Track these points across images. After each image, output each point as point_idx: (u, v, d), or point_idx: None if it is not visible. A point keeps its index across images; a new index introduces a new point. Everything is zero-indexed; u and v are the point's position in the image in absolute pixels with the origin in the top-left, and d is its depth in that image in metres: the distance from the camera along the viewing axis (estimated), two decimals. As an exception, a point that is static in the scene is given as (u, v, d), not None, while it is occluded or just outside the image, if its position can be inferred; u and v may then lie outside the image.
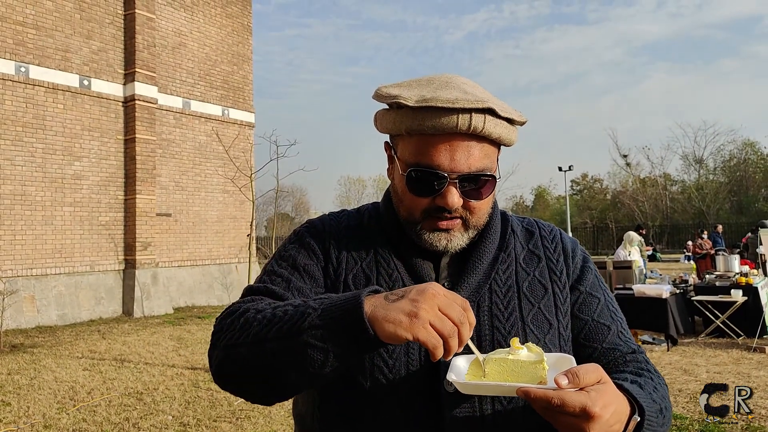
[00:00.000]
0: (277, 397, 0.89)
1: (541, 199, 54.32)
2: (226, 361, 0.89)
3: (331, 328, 0.79)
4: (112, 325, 9.87)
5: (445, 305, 0.77)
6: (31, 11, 10.15)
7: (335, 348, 0.78)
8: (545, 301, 1.04)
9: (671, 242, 36.31)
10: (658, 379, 0.99)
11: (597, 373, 0.79)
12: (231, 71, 13.69)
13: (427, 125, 0.94)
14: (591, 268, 1.11)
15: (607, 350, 1.04)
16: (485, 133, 0.96)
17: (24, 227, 10.01)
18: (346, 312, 0.79)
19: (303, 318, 0.82)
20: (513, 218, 1.15)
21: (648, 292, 7.36)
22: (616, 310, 1.10)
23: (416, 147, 0.98)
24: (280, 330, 0.83)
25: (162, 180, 12.11)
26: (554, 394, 0.75)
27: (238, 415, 4.89)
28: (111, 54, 11.31)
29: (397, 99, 0.96)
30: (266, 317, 0.86)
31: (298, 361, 0.81)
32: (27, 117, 10.09)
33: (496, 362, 0.84)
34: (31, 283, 9.99)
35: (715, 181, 42.30)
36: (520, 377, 0.83)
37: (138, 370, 6.48)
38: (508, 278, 1.04)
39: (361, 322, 0.77)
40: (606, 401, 0.76)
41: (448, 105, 0.93)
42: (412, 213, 1.00)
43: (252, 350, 0.85)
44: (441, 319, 0.76)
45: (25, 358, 7.15)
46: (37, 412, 5.02)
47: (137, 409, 5.06)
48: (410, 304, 0.76)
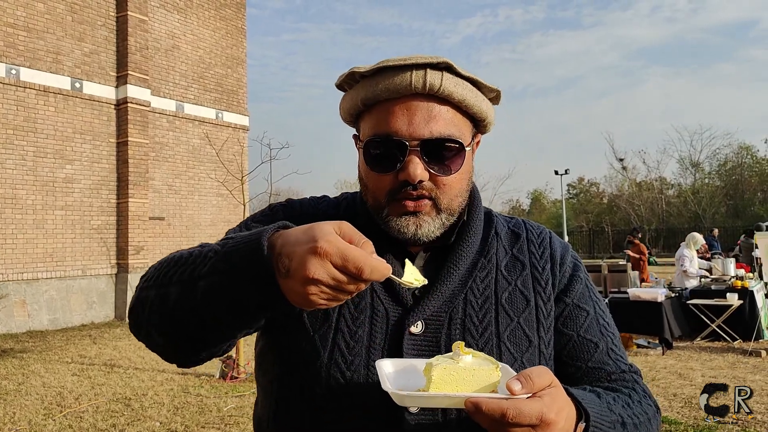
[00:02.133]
0: (181, 349, 0.82)
1: (538, 202, 54.40)
2: (136, 304, 0.84)
3: (231, 273, 0.72)
4: (103, 330, 9.79)
5: (335, 284, 0.67)
6: (22, 13, 10.09)
7: (236, 294, 0.71)
8: (526, 314, 0.94)
9: (667, 246, 36.34)
10: (637, 397, 0.90)
11: (548, 375, 0.71)
12: (225, 74, 13.64)
13: (380, 88, 0.88)
14: (581, 277, 1.00)
15: (592, 370, 0.94)
16: (445, 92, 0.88)
17: (15, 231, 9.92)
18: (246, 257, 0.71)
19: (205, 260, 0.75)
20: (499, 219, 1.05)
21: (643, 295, 7.33)
22: (608, 325, 0.99)
23: (373, 119, 0.91)
24: (184, 270, 0.77)
25: (155, 183, 12.03)
26: (509, 405, 0.66)
27: (227, 421, 4.81)
28: (103, 56, 11.25)
29: (352, 69, 0.91)
30: (174, 258, 0.82)
31: (198, 306, 0.74)
32: (18, 120, 10.02)
33: (445, 370, 0.73)
34: (22, 287, 9.91)
35: (711, 184, 42.42)
36: (470, 386, 0.71)
37: (127, 375, 6.41)
38: (486, 288, 0.94)
39: (264, 272, 0.69)
40: (559, 406, 0.70)
41: (400, 62, 0.87)
42: (377, 197, 0.92)
43: (158, 294, 0.80)
44: (334, 296, 0.68)
45: (13, 363, 7.08)
46: (23, 418, 4.95)
47: (125, 415, 4.99)
48: (297, 286, 0.67)
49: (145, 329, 0.83)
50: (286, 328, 0.93)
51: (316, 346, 0.89)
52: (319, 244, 0.65)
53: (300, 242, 0.67)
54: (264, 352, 0.99)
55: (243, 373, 6.19)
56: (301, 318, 0.91)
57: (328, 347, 0.89)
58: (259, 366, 1.01)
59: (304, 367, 0.90)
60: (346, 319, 0.90)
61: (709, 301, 7.68)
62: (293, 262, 0.67)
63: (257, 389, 1.03)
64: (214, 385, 5.97)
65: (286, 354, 0.92)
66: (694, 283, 8.68)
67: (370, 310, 0.90)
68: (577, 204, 50.06)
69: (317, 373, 0.88)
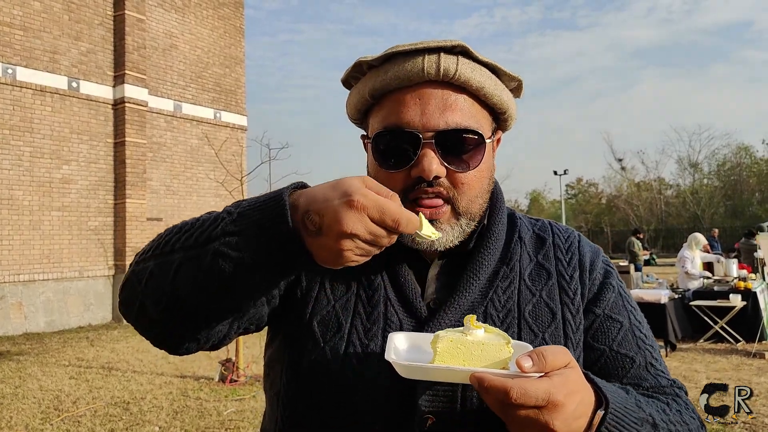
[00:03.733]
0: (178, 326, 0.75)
1: (536, 203, 54.41)
2: (131, 277, 0.77)
3: (249, 233, 0.67)
4: (101, 332, 9.71)
5: (371, 238, 0.65)
6: (19, 12, 10.01)
7: (252, 256, 0.67)
8: (552, 329, 0.85)
9: (666, 246, 36.38)
10: (677, 407, 0.82)
11: (565, 355, 0.66)
12: (223, 74, 13.56)
13: (389, 76, 0.81)
14: (613, 285, 0.91)
15: (627, 386, 0.85)
16: (461, 78, 0.81)
17: (11, 232, 9.84)
18: (266, 215, 0.67)
19: (216, 222, 0.70)
20: (523, 221, 0.96)
21: (646, 297, 7.29)
22: (645, 337, 0.90)
23: (383, 111, 0.84)
24: (190, 235, 0.71)
25: (152, 184, 11.95)
26: (514, 384, 0.61)
27: (227, 426, 4.74)
28: (100, 56, 11.17)
29: (358, 60, 0.85)
30: (177, 227, 0.75)
31: (205, 274, 0.69)
32: (14, 119, 9.94)
33: (451, 342, 0.68)
34: (19, 289, 9.83)
35: (709, 185, 42.51)
36: (479, 362, 0.67)
37: (126, 379, 6.34)
38: (509, 300, 0.86)
39: (286, 229, 0.65)
40: (571, 389, 0.64)
41: (410, 48, 0.81)
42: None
43: (160, 263, 0.73)
44: (368, 251, 0.66)
45: (10, 366, 7.00)
46: (20, 422, 4.88)
47: (123, 420, 4.92)
48: (330, 242, 0.64)
49: (139, 302, 0.75)
50: (294, 337, 0.87)
51: (326, 358, 0.83)
52: (354, 198, 0.63)
53: (331, 198, 0.64)
54: (272, 363, 0.93)
55: (243, 376, 6.12)
56: (311, 327, 0.85)
57: (339, 360, 0.82)
58: (266, 377, 0.95)
59: (312, 379, 0.83)
60: (359, 331, 0.84)
61: (712, 302, 7.63)
62: (326, 218, 0.64)
63: (266, 400, 0.97)
64: (213, 388, 5.90)
65: (293, 365, 0.86)
66: (697, 284, 8.64)
67: (383, 322, 0.84)
68: (575, 204, 50.10)
69: (326, 387, 0.82)
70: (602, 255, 0.96)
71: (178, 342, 0.78)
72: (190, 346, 0.80)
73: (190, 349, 0.81)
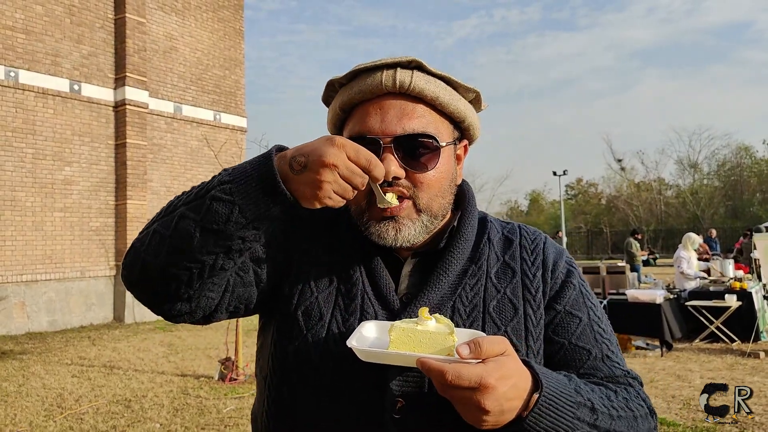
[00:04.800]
0: (174, 279, 0.82)
1: (536, 203, 54.42)
2: (134, 243, 0.86)
3: (240, 180, 0.78)
4: (102, 332, 9.78)
5: (347, 174, 0.77)
6: (21, 15, 10.09)
7: (241, 200, 0.77)
8: (514, 323, 0.92)
9: (666, 247, 36.36)
10: (624, 395, 0.89)
11: (502, 344, 0.74)
12: (223, 75, 13.64)
13: (354, 91, 0.92)
14: (574, 284, 0.98)
15: (583, 376, 0.91)
16: (416, 89, 0.90)
17: (14, 233, 9.92)
18: (255, 166, 0.79)
19: (213, 179, 0.82)
20: (494, 224, 1.04)
21: (641, 297, 7.34)
22: (603, 332, 0.96)
23: (351, 123, 0.94)
24: (190, 194, 0.83)
25: (153, 185, 12.03)
26: (450, 368, 0.70)
27: (227, 423, 4.82)
28: (101, 58, 11.25)
29: (330, 80, 0.95)
30: (177, 196, 0.86)
31: (202, 218, 0.79)
32: (17, 122, 10.02)
33: (403, 331, 0.77)
34: (21, 289, 9.90)
35: (709, 185, 42.46)
36: (427, 349, 0.76)
37: (127, 377, 6.41)
38: (475, 296, 0.93)
39: (270, 174, 0.77)
40: (503, 373, 0.72)
41: (371, 64, 0.91)
42: (357, 201, 0.93)
43: (162, 222, 0.83)
44: (344, 188, 0.77)
45: (13, 365, 7.07)
46: (23, 419, 4.95)
47: (125, 417, 4.99)
48: (313, 176, 0.76)
49: (141, 262, 0.84)
50: (281, 326, 0.96)
51: (308, 345, 0.91)
52: (335, 139, 0.76)
53: (315, 143, 0.77)
54: (261, 350, 1.02)
55: (242, 374, 6.19)
56: (296, 316, 0.94)
57: (320, 347, 0.91)
58: (257, 362, 1.04)
59: (295, 364, 0.92)
60: (338, 321, 0.92)
61: (707, 302, 7.69)
62: (311, 156, 0.75)
63: (256, 384, 1.06)
64: (213, 386, 5.97)
65: (280, 351, 0.94)
66: (693, 284, 8.69)
67: (360, 313, 0.93)
68: (575, 205, 50.08)
69: (308, 371, 0.90)
70: (566, 256, 1.03)
71: (173, 300, 0.86)
72: (182, 308, 0.87)
73: (182, 312, 0.88)
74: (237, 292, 0.92)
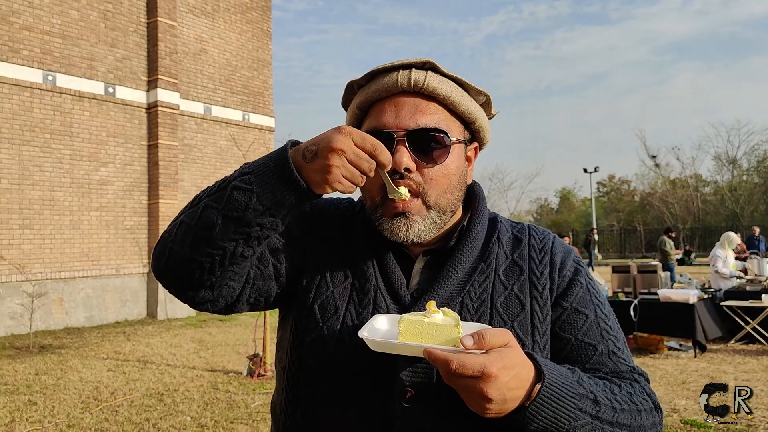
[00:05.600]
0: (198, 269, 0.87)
1: (566, 201, 53.53)
2: (163, 234, 0.92)
3: (258, 171, 0.84)
4: (136, 327, 10.04)
5: (354, 158, 0.81)
6: (58, 21, 10.41)
7: (259, 188, 0.82)
8: (520, 319, 0.95)
9: (703, 245, 35.36)
10: (629, 389, 0.91)
11: (505, 336, 0.78)
12: (251, 76, 13.82)
13: (371, 90, 0.97)
14: (581, 282, 1.01)
15: (589, 371, 0.94)
16: (429, 88, 0.95)
17: (53, 231, 10.25)
18: (272, 158, 0.84)
19: (234, 172, 0.87)
20: (504, 224, 1.08)
21: (674, 297, 7.16)
22: (610, 329, 0.99)
23: (368, 120, 0.99)
24: (213, 187, 0.88)
25: (184, 185, 12.28)
26: (454, 357, 0.74)
27: (255, 417, 4.91)
28: (134, 61, 11.53)
29: (348, 82, 1.01)
30: (200, 192, 0.92)
31: (224, 206, 0.84)
32: (55, 124, 10.34)
33: (411, 323, 0.82)
34: (60, 285, 10.23)
35: (749, 181, 41.01)
36: (434, 340, 0.80)
37: (160, 372, 6.57)
38: (483, 292, 0.97)
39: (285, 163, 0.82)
40: (506, 363, 0.75)
41: (388, 65, 0.97)
42: (372, 196, 0.98)
43: (188, 213, 0.89)
44: (352, 172, 0.81)
45: (52, 359, 7.31)
46: (61, 411, 5.12)
47: (157, 410, 5.13)
48: (322, 161, 0.80)
49: (168, 250, 0.90)
50: (299, 319, 1.00)
51: (323, 337, 0.96)
52: (342, 127, 0.82)
53: (324, 133, 0.82)
54: (281, 342, 1.08)
55: (270, 371, 6.29)
56: (312, 309, 0.98)
57: (335, 338, 0.95)
58: (276, 354, 1.10)
59: (312, 355, 0.96)
60: (352, 314, 0.97)
61: (743, 302, 7.47)
62: (320, 143, 0.81)
63: (275, 375, 1.11)
64: (242, 382, 6.09)
65: (297, 343, 0.99)
66: (729, 284, 8.45)
67: (373, 307, 0.97)
68: (607, 202, 49.09)
69: (323, 361, 0.95)
70: (574, 255, 1.06)
71: (197, 287, 0.91)
72: (205, 296, 0.93)
73: (205, 300, 0.93)
74: (257, 284, 0.97)
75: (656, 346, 7.25)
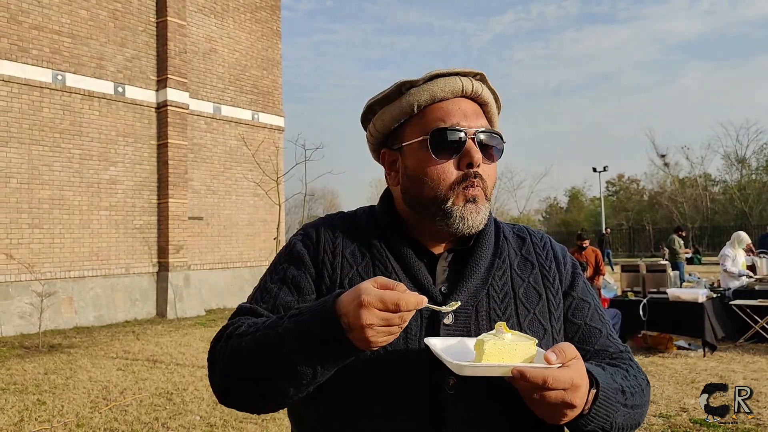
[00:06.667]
0: (282, 404, 0.96)
1: (576, 200, 53.30)
2: (226, 389, 0.97)
3: (312, 350, 0.86)
4: (146, 326, 10.08)
5: (385, 324, 0.82)
6: (67, 20, 10.47)
7: (320, 363, 0.86)
8: (540, 307, 1.07)
9: (712, 244, 35.12)
10: (633, 372, 1.04)
11: (574, 349, 0.87)
12: (260, 76, 13.85)
13: (437, 92, 1.04)
14: (580, 275, 1.16)
15: (598, 351, 1.08)
16: (483, 98, 1.07)
17: (62, 230, 10.31)
18: (324, 337, 0.85)
19: (287, 340, 0.88)
20: (504, 225, 1.18)
21: (683, 296, 7.13)
22: (603, 314, 1.14)
23: (430, 117, 1.04)
24: (267, 356, 0.90)
25: (194, 184, 12.33)
26: (549, 373, 0.82)
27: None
28: (144, 61, 11.58)
29: (403, 80, 1.06)
30: (250, 344, 0.93)
31: (292, 380, 0.89)
32: (64, 124, 10.40)
33: (494, 345, 0.86)
34: (69, 285, 10.29)
35: (758, 181, 40.69)
36: (514, 358, 0.86)
37: (169, 371, 6.59)
38: (505, 284, 1.06)
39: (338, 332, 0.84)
40: (581, 374, 0.86)
41: (452, 71, 1.05)
42: (439, 187, 1.02)
43: (248, 374, 0.93)
44: (388, 331, 0.82)
45: (62, 358, 7.34)
46: (70, 411, 5.13)
47: (167, 409, 5.14)
48: (358, 334, 0.82)
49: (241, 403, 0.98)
50: None
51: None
52: (362, 297, 0.81)
53: (350, 302, 0.83)
54: None
55: (279, 369, 6.30)
56: None
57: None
58: None
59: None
60: None
61: (752, 301, 7.42)
62: (350, 318, 0.82)
63: None
64: (250, 381, 6.10)
65: None
66: (738, 283, 8.39)
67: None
68: (616, 202, 48.85)
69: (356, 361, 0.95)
70: (568, 252, 1.20)
71: (284, 406, 0.98)
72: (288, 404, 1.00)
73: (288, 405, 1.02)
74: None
75: (665, 345, 7.21)
